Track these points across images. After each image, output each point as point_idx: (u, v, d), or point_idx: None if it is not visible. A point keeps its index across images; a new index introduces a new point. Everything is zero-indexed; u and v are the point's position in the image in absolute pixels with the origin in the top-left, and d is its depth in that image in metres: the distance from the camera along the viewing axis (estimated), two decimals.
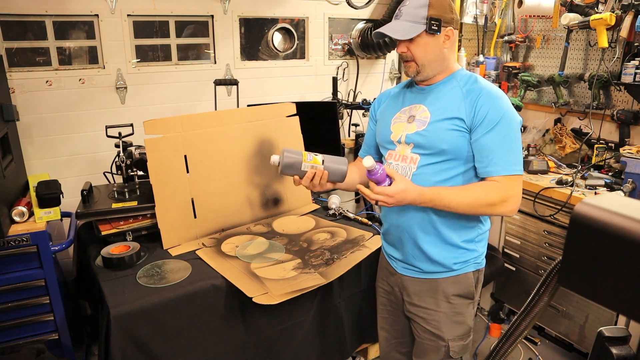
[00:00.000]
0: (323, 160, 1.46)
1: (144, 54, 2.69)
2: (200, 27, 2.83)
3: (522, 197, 1.44)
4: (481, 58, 3.17)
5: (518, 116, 1.44)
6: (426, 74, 1.46)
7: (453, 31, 1.44)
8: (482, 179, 1.44)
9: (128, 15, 2.56)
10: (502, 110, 1.39)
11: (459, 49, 3.22)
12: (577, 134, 2.76)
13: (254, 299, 1.63)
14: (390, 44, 3.10)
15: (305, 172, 1.44)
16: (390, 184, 1.35)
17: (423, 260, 1.53)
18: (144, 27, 2.65)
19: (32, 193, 2.03)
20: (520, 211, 2.54)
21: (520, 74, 2.99)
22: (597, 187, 2.30)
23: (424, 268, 1.54)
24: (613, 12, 2.36)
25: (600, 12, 2.44)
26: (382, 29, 1.44)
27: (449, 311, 1.56)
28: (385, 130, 1.57)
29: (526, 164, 2.57)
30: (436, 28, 1.40)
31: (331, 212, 2.38)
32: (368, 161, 1.31)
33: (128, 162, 2.16)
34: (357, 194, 3.38)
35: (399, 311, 1.69)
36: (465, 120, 1.40)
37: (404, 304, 1.64)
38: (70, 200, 2.30)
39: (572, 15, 2.56)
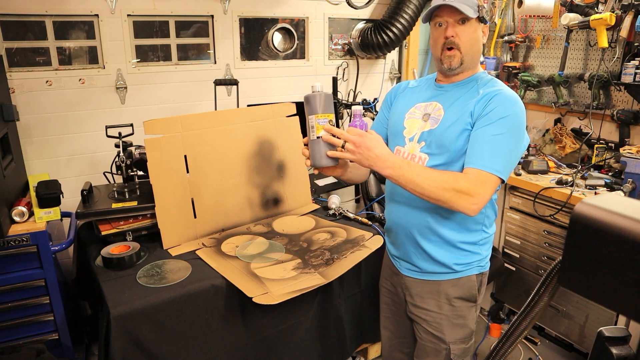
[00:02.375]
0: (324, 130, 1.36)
1: (144, 54, 2.68)
2: (201, 26, 2.83)
3: (522, 197, 1.43)
4: (481, 58, 3.17)
5: (526, 134, 1.40)
6: (466, 65, 1.43)
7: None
8: None
9: (128, 15, 2.55)
10: (509, 112, 1.34)
11: None
12: (577, 134, 2.76)
13: (254, 299, 1.63)
14: (390, 44, 3.09)
15: (310, 124, 1.38)
16: None
17: (424, 258, 1.52)
18: (144, 27, 2.65)
19: (32, 193, 2.03)
20: (520, 211, 2.55)
21: (520, 74, 2.99)
22: (597, 187, 2.30)
23: (425, 268, 1.53)
24: (613, 12, 2.36)
25: (600, 12, 2.44)
26: None
27: (451, 314, 1.55)
28: (398, 123, 1.53)
29: (526, 164, 2.57)
30: (486, 18, 1.40)
31: (331, 212, 2.38)
32: (358, 108, 1.38)
33: (128, 162, 2.16)
34: (357, 194, 3.38)
35: (402, 311, 1.69)
36: (473, 116, 1.37)
37: (406, 304, 1.64)
38: (70, 200, 2.30)
39: (572, 15, 2.56)
